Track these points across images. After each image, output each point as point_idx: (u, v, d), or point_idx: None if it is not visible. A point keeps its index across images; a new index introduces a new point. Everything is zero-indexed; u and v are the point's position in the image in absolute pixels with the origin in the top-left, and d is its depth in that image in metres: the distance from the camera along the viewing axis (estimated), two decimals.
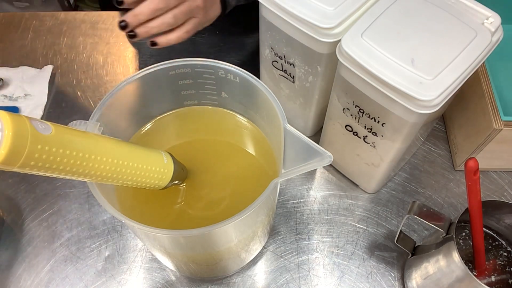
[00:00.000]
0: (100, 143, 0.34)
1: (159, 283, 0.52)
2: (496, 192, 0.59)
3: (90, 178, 0.34)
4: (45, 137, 0.28)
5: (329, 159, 0.35)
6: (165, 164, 0.41)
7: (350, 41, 0.42)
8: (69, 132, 0.31)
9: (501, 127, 0.50)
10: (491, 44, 0.42)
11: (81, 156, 0.31)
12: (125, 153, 0.36)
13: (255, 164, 0.47)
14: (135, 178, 0.38)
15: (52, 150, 0.28)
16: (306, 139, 0.36)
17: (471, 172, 0.38)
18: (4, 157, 0.25)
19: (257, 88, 0.41)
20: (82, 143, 0.32)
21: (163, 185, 0.41)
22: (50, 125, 0.29)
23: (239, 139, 0.50)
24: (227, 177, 0.47)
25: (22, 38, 0.73)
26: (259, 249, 0.52)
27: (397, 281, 0.52)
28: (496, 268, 0.46)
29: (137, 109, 0.47)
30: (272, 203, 0.43)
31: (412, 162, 0.61)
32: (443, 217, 0.44)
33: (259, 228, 0.44)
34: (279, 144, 0.37)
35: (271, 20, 0.49)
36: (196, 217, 0.44)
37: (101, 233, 0.55)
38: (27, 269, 0.52)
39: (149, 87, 0.44)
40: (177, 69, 0.44)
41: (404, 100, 0.40)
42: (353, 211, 0.57)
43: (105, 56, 0.71)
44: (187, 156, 0.46)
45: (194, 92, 0.48)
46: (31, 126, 0.27)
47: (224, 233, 0.39)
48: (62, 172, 0.31)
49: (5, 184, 0.59)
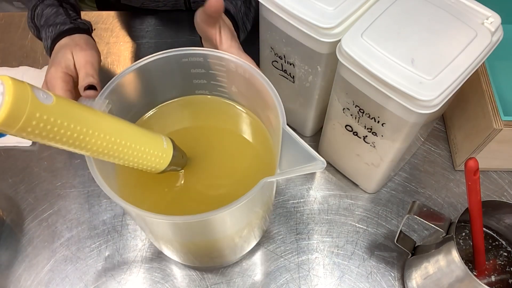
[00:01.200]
0: (101, 119, 0.35)
1: (159, 283, 0.52)
2: (496, 192, 0.59)
3: (87, 152, 0.34)
4: (45, 106, 0.29)
5: (322, 165, 0.35)
6: (165, 149, 0.41)
7: (350, 41, 0.42)
8: (70, 105, 0.32)
9: (501, 127, 0.50)
10: (491, 44, 0.42)
11: (79, 130, 0.32)
12: (125, 133, 0.37)
13: (255, 158, 0.48)
14: (131, 159, 0.38)
15: (50, 120, 0.29)
16: (302, 142, 0.36)
17: (471, 172, 0.38)
18: (2, 119, 0.27)
19: (263, 86, 0.42)
20: (82, 117, 0.33)
21: (160, 168, 0.42)
22: (52, 96, 0.30)
23: (242, 133, 0.51)
24: (227, 167, 0.48)
25: (22, 38, 0.73)
26: (256, 241, 0.52)
27: (397, 281, 0.52)
28: (496, 268, 0.46)
29: (147, 92, 0.48)
30: (267, 198, 0.44)
31: (412, 162, 0.61)
32: (443, 217, 0.44)
33: (254, 220, 0.45)
34: (278, 144, 0.38)
35: (271, 20, 0.49)
36: (194, 204, 0.45)
37: (101, 233, 0.55)
38: (27, 269, 0.52)
39: (161, 72, 0.45)
40: (190, 57, 0.45)
41: (404, 100, 0.40)
42: (353, 211, 0.57)
43: (105, 56, 0.71)
44: (189, 143, 0.47)
45: (205, 82, 0.48)
46: (32, 94, 0.28)
47: (219, 221, 0.40)
48: (59, 142, 0.31)
49: (5, 184, 0.59)
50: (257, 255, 0.54)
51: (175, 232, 0.42)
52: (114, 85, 0.41)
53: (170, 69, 0.45)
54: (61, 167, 0.60)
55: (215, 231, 0.42)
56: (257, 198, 0.38)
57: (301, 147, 0.36)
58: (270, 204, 0.48)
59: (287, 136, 0.37)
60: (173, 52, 0.43)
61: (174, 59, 0.44)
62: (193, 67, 0.46)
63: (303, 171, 0.36)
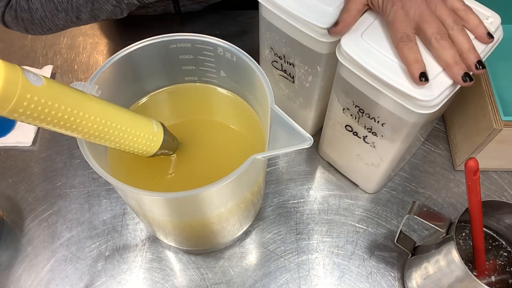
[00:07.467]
0: (90, 102, 0.36)
1: (159, 283, 0.52)
2: (496, 192, 0.59)
3: (78, 134, 0.35)
4: (36, 88, 0.30)
5: (309, 142, 0.36)
6: (155, 133, 0.42)
7: (350, 41, 0.42)
8: (60, 87, 0.33)
9: (501, 127, 0.50)
10: (491, 44, 0.42)
11: (69, 111, 0.33)
12: (115, 115, 0.38)
13: (246, 140, 0.49)
14: (122, 141, 0.39)
15: (41, 101, 0.30)
16: (290, 120, 0.37)
17: (471, 172, 0.38)
18: None
19: (251, 68, 0.43)
20: (72, 99, 0.33)
21: (151, 152, 0.43)
22: (42, 78, 0.31)
23: (231, 116, 0.52)
24: (218, 150, 0.49)
25: (22, 38, 0.73)
26: (249, 223, 0.54)
27: (397, 281, 0.52)
28: (496, 268, 0.46)
29: (136, 79, 0.48)
30: (255, 178, 0.45)
31: (412, 162, 0.61)
32: (443, 217, 0.44)
33: (247, 196, 0.46)
34: (267, 124, 0.39)
35: (271, 20, 0.49)
36: (186, 186, 0.45)
37: (101, 233, 0.55)
38: (27, 269, 0.52)
39: (150, 59, 0.46)
40: (178, 43, 0.45)
41: (404, 100, 0.40)
42: (353, 211, 0.57)
43: (105, 56, 0.71)
44: (180, 129, 0.48)
45: (194, 68, 0.49)
46: (22, 76, 0.29)
47: (210, 198, 0.41)
48: (50, 124, 0.32)
49: (5, 184, 0.59)
50: (257, 255, 0.54)
51: (168, 212, 0.43)
52: (103, 72, 0.42)
53: (158, 55, 0.46)
54: (61, 167, 0.60)
55: (207, 209, 0.43)
56: (248, 174, 0.39)
57: (289, 125, 0.37)
58: (261, 187, 0.50)
59: (276, 116, 0.38)
60: (161, 38, 0.44)
61: (162, 46, 0.45)
62: (181, 53, 0.47)
63: (291, 149, 0.37)
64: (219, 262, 0.53)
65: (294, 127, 0.37)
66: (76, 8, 0.51)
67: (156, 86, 0.51)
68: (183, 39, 0.45)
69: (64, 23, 0.53)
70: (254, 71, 0.42)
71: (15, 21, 0.53)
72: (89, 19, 0.54)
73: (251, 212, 0.52)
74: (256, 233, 0.55)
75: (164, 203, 0.41)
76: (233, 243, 0.54)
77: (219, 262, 0.53)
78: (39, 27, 0.54)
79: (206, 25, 0.74)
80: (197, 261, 0.53)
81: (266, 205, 0.57)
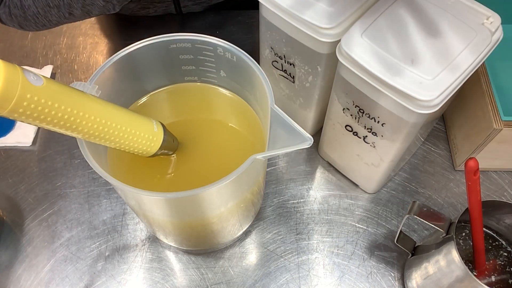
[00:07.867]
0: (90, 102, 0.36)
1: (159, 283, 0.52)
2: (496, 192, 0.59)
3: (78, 134, 0.35)
4: (36, 88, 0.30)
5: (309, 142, 0.36)
6: (155, 132, 0.42)
7: (350, 41, 0.42)
8: (60, 87, 0.33)
9: (501, 127, 0.50)
10: (491, 44, 0.42)
11: (69, 111, 0.33)
12: (115, 115, 0.38)
13: (246, 140, 0.49)
14: (122, 141, 0.39)
15: (41, 101, 0.30)
16: (290, 120, 0.37)
17: (471, 172, 0.38)
18: None
19: (251, 68, 0.43)
20: (71, 99, 0.33)
21: (151, 152, 0.43)
22: (42, 78, 0.31)
23: (231, 117, 0.52)
24: (218, 150, 0.49)
25: (22, 38, 0.73)
26: (248, 223, 0.53)
27: (397, 281, 0.52)
28: (496, 268, 0.46)
29: (136, 79, 0.48)
30: (255, 178, 0.45)
31: (412, 162, 0.61)
32: (443, 217, 0.44)
33: (247, 197, 0.46)
34: (267, 124, 0.39)
35: (271, 20, 0.49)
36: (186, 186, 0.46)
37: (101, 233, 0.55)
38: (27, 269, 0.52)
39: (149, 59, 0.46)
40: (178, 43, 0.45)
41: (404, 100, 0.40)
42: (353, 211, 0.57)
43: (105, 56, 0.71)
44: (180, 129, 0.48)
45: (194, 68, 0.49)
46: (22, 76, 0.29)
47: (210, 198, 0.41)
48: (50, 124, 0.32)
49: (5, 184, 0.59)
50: (257, 255, 0.54)
51: (168, 212, 0.43)
52: (103, 72, 0.42)
53: (158, 55, 0.46)
54: (61, 167, 0.60)
55: (207, 209, 0.43)
56: (248, 174, 0.39)
57: (289, 125, 0.37)
58: (261, 187, 0.50)
59: (276, 116, 0.38)
60: (161, 39, 0.44)
61: (162, 46, 0.45)
62: (181, 53, 0.47)
63: (291, 149, 0.37)
64: (219, 262, 0.53)
65: (294, 127, 0.37)
66: (68, 4, 0.51)
67: (156, 86, 0.51)
68: (183, 39, 0.45)
69: (57, 19, 0.53)
70: (254, 71, 0.42)
71: (9, 18, 0.54)
72: (82, 15, 0.54)
73: (251, 212, 0.52)
74: (256, 233, 0.55)
75: (164, 203, 0.41)
76: (233, 243, 0.54)
77: (219, 262, 0.53)
78: (33, 23, 0.54)
79: (206, 25, 0.74)
80: (197, 261, 0.53)
81: (266, 205, 0.57)
